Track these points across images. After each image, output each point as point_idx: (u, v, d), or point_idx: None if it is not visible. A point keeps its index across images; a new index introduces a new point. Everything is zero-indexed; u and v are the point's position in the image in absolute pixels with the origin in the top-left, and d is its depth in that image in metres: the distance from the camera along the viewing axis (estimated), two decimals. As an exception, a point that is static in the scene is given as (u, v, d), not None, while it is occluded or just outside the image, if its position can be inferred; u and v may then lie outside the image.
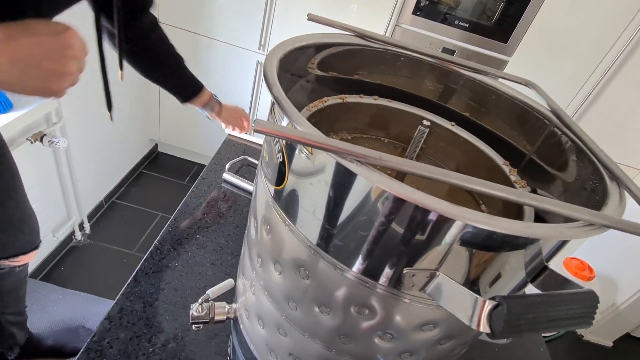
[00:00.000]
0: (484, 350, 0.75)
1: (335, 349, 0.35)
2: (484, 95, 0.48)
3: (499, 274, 0.30)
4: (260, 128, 0.22)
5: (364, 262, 0.28)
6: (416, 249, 0.26)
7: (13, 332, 0.96)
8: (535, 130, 0.44)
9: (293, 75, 0.41)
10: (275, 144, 0.32)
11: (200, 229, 0.82)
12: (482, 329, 0.24)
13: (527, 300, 0.23)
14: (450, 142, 0.49)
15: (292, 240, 0.32)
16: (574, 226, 0.25)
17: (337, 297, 0.31)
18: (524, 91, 0.47)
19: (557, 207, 0.25)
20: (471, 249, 0.27)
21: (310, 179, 0.28)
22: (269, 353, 0.42)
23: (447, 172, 0.23)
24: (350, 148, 0.23)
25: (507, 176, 0.43)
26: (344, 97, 0.47)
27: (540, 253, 0.29)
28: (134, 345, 0.60)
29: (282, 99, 0.28)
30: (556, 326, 0.25)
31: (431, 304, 0.29)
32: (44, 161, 1.30)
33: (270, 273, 0.36)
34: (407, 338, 0.32)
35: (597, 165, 0.35)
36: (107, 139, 1.65)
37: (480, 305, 0.24)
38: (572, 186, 0.38)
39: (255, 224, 0.38)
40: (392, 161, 0.23)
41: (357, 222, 0.27)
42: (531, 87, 0.46)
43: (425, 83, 0.51)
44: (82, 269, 1.47)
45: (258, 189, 0.38)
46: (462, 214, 0.22)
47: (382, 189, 0.23)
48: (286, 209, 0.32)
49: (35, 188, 1.26)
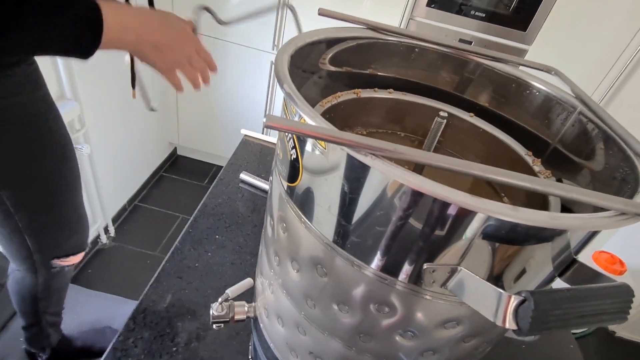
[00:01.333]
0: (510, 348, 0.72)
1: (355, 348, 0.35)
2: (504, 84, 0.47)
3: (524, 268, 0.29)
4: (272, 124, 0.22)
5: (382, 258, 0.28)
6: (436, 243, 0.25)
7: (49, 332, 1.00)
8: (560, 119, 0.42)
9: (305, 71, 0.40)
10: (288, 140, 0.32)
11: (219, 229, 0.83)
12: (508, 325, 0.23)
13: (555, 295, 0.22)
14: (469, 133, 0.47)
15: (309, 237, 0.31)
16: (605, 216, 0.23)
17: (355, 294, 0.31)
18: (547, 78, 0.45)
19: (586, 196, 0.23)
20: (494, 243, 0.26)
21: (325, 174, 0.28)
22: (289, 352, 0.41)
23: (465, 162, 0.22)
24: (363, 141, 0.22)
25: (531, 167, 0.41)
26: (358, 92, 0.46)
27: (568, 246, 0.28)
28: (157, 345, 0.61)
29: (294, 94, 0.27)
30: (587, 322, 0.24)
31: (453, 301, 0.28)
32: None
33: (287, 271, 0.36)
34: (429, 336, 0.31)
35: (627, 152, 0.33)
36: (128, 144, 1.69)
37: (506, 301, 0.23)
38: (601, 175, 0.36)
39: (272, 222, 0.38)
40: (408, 153, 0.23)
41: (374, 218, 0.26)
42: (554, 73, 0.44)
43: (441, 74, 0.49)
44: (108, 271, 1.51)
45: (273, 187, 0.37)
46: (484, 206, 0.21)
47: (398, 182, 0.23)
48: (301, 206, 0.31)
49: (61, 193, 1.30)
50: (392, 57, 0.48)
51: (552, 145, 0.42)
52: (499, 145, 0.45)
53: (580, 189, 0.23)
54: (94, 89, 1.35)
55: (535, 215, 0.21)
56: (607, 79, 1.48)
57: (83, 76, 1.25)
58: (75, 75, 1.21)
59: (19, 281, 0.88)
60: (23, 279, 0.87)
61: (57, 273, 0.90)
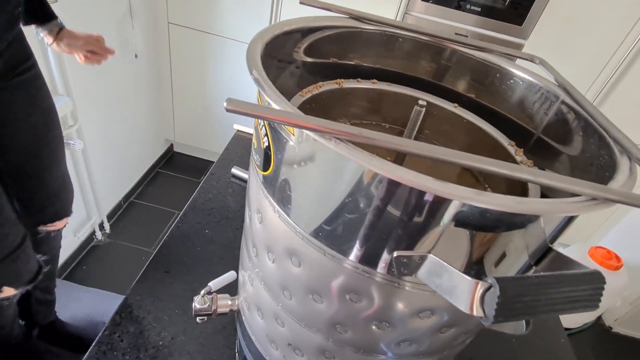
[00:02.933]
0: (500, 342, 0.72)
1: (332, 339, 0.34)
2: (488, 74, 0.46)
3: (499, 258, 0.28)
4: (232, 107, 0.22)
5: (352, 247, 0.27)
6: (404, 231, 0.25)
7: (37, 310, 1.00)
8: (542, 108, 0.41)
9: (281, 61, 0.40)
10: (261, 128, 0.31)
11: (209, 224, 0.82)
12: (475, 312, 0.22)
13: (523, 282, 0.22)
14: (453, 124, 0.47)
15: (282, 227, 0.31)
16: (575, 201, 0.23)
17: (328, 284, 0.30)
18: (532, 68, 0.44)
19: (556, 181, 0.23)
20: (465, 230, 0.25)
21: (294, 162, 0.27)
22: (269, 344, 0.41)
23: (430, 146, 0.22)
24: (327, 125, 0.22)
25: (513, 157, 0.41)
26: (341, 82, 0.46)
27: (543, 234, 0.28)
28: (143, 339, 0.60)
29: (262, 79, 0.27)
30: (558, 309, 0.23)
31: (426, 290, 0.28)
32: (62, 163, 1.33)
33: (264, 262, 0.36)
34: (405, 326, 0.31)
35: (607, 140, 0.33)
36: (123, 140, 1.68)
37: (473, 287, 0.22)
38: (581, 164, 0.35)
39: (249, 213, 0.38)
40: (373, 137, 0.22)
41: (343, 205, 0.26)
42: (538, 62, 0.44)
43: (426, 64, 0.49)
44: (103, 268, 1.51)
45: (250, 177, 0.37)
46: (448, 190, 0.21)
47: (361, 166, 0.22)
48: (274, 194, 0.31)
49: (54, 189, 1.30)
50: (376, 47, 0.47)
51: (535, 135, 0.42)
52: (482, 135, 0.44)
53: (550, 174, 0.23)
54: (86, 85, 1.34)
55: (500, 199, 0.21)
56: (603, 74, 1.47)
57: (75, 71, 1.24)
58: (67, 70, 1.20)
59: None
60: None
61: (43, 239, 0.91)
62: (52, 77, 1.19)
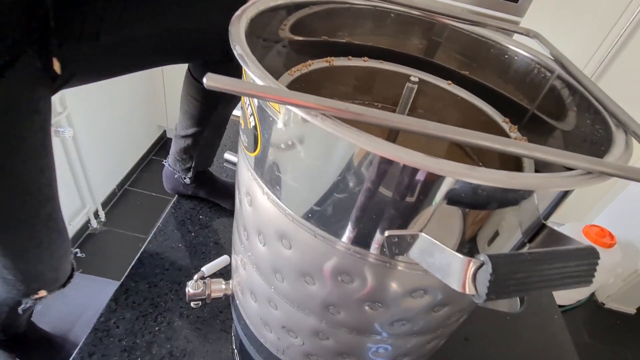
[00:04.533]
0: (494, 319, 0.73)
1: (325, 320, 0.34)
2: (483, 50, 0.45)
3: (492, 235, 0.28)
4: (213, 83, 0.20)
5: (342, 228, 0.27)
6: (395, 209, 0.24)
7: (20, 323, 0.92)
8: (537, 83, 0.40)
9: (267, 40, 0.38)
10: (247, 107, 0.30)
11: (202, 210, 0.82)
12: (467, 291, 0.22)
13: (516, 258, 0.21)
14: (448, 102, 0.46)
15: (272, 209, 0.30)
16: (569, 175, 0.22)
17: (320, 266, 0.30)
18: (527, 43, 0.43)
19: (551, 155, 0.22)
20: (457, 208, 0.24)
21: (281, 141, 0.26)
22: (263, 327, 0.41)
23: (421, 121, 0.21)
24: (313, 100, 0.21)
25: (507, 134, 0.40)
26: (331, 60, 0.44)
27: (536, 210, 0.27)
28: (140, 325, 0.61)
29: (245, 55, 0.26)
30: (552, 286, 0.23)
31: (418, 269, 0.28)
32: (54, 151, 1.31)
33: (255, 246, 0.35)
34: (398, 306, 0.31)
35: (602, 114, 0.32)
36: (115, 127, 1.66)
37: (465, 265, 0.22)
38: (576, 139, 0.35)
39: (239, 196, 0.37)
40: (361, 112, 0.21)
41: (332, 185, 0.25)
42: (533, 36, 0.43)
43: (418, 41, 0.47)
44: (100, 256, 1.51)
45: (239, 159, 0.36)
46: (439, 166, 0.20)
47: (350, 143, 0.21)
48: (263, 176, 0.30)
49: (46, 178, 1.28)
50: (366, 23, 0.46)
51: (529, 111, 0.41)
52: (475, 112, 0.43)
53: (544, 148, 0.22)
54: (74, 71, 1.31)
55: (493, 174, 0.20)
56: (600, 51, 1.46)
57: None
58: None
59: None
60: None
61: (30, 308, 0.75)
62: (37, 63, 1.15)
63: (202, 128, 0.72)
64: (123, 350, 0.57)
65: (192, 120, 0.71)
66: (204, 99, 0.68)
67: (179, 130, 0.75)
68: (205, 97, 0.68)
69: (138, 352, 0.57)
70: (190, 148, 0.75)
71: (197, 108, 0.70)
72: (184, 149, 0.76)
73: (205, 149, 0.76)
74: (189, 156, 0.76)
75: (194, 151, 0.75)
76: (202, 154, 0.76)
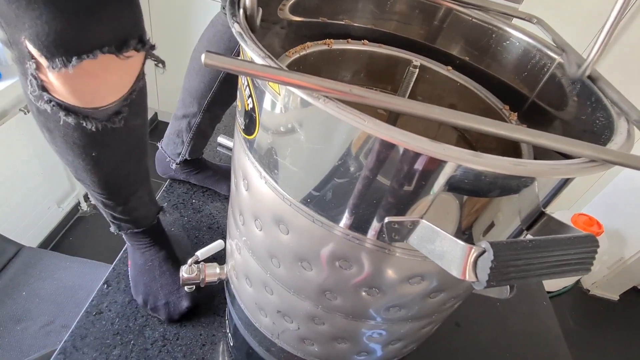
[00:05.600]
0: (485, 305, 0.74)
1: (322, 305, 0.34)
2: (484, 36, 0.44)
3: (491, 222, 0.28)
4: (211, 61, 0.20)
5: (342, 213, 0.26)
6: (397, 195, 0.24)
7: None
8: (538, 70, 0.40)
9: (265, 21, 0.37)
10: (245, 88, 0.29)
11: (196, 194, 0.81)
12: (468, 278, 0.22)
13: (517, 245, 0.21)
14: (447, 88, 0.45)
15: (269, 194, 0.30)
16: (572, 163, 0.22)
17: (317, 251, 0.30)
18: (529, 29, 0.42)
19: (555, 142, 0.22)
20: (458, 194, 0.24)
21: (281, 124, 0.26)
22: (258, 311, 0.41)
23: (427, 105, 0.21)
24: (315, 81, 0.20)
25: (506, 121, 0.40)
26: (330, 43, 0.43)
27: (536, 198, 0.27)
28: (132, 308, 0.60)
29: (244, 33, 0.25)
30: (551, 273, 0.23)
31: (417, 256, 0.27)
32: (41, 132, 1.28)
33: (251, 230, 0.35)
34: (394, 292, 0.31)
35: (604, 102, 0.32)
36: (105, 109, 1.62)
37: (466, 252, 0.22)
38: (577, 127, 0.35)
39: (235, 180, 0.36)
40: (365, 95, 0.21)
41: (331, 169, 0.25)
42: (536, 22, 0.42)
43: (419, 25, 0.46)
44: (90, 239, 1.49)
45: (235, 143, 0.35)
46: (444, 152, 0.20)
47: (352, 126, 0.21)
48: (260, 160, 0.29)
49: (34, 159, 1.26)
50: (366, 5, 0.45)
51: (529, 98, 0.41)
52: (475, 99, 0.43)
53: (549, 135, 0.22)
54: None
55: (498, 161, 0.20)
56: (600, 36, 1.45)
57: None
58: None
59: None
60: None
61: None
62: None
63: (198, 110, 0.70)
64: (116, 333, 0.57)
65: (191, 98, 0.70)
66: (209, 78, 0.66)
67: (177, 110, 0.73)
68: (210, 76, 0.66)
69: (131, 335, 0.57)
70: (184, 132, 0.73)
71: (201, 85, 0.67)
72: (177, 132, 0.74)
73: (197, 137, 0.74)
74: (181, 141, 0.75)
75: (186, 136, 0.74)
76: (195, 141, 0.75)
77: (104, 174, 0.47)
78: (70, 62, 0.32)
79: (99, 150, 0.43)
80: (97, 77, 0.34)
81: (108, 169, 0.47)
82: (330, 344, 0.38)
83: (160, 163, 0.82)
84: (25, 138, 1.20)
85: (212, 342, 0.58)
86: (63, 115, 0.35)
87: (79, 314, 0.58)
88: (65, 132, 0.39)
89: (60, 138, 0.40)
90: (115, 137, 0.43)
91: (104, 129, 0.39)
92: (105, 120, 0.38)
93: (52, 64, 0.32)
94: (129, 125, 0.43)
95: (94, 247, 1.46)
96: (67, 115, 0.35)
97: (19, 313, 0.98)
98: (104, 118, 0.38)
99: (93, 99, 0.35)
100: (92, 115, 0.36)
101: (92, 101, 0.35)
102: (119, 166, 0.49)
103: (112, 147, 0.44)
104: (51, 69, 0.32)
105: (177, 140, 0.75)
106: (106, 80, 0.35)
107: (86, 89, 0.35)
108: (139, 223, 0.60)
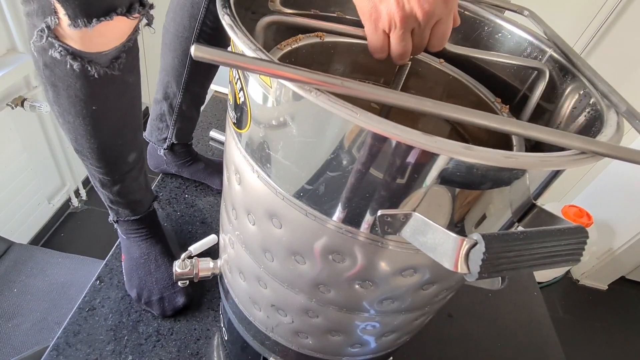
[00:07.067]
0: (476, 296, 0.75)
1: (315, 299, 0.34)
2: (476, 28, 0.44)
3: (483, 215, 0.28)
4: (201, 54, 0.19)
5: (334, 207, 0.26)
6: (390, 188, 0.24)
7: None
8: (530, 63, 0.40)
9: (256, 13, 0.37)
10: (236, 82, 0.29)
11: (188, 189, 0.81)
12: (460, 270, 0.22)
13: (508, 237, 0.21)
14: (439, 81, 0.45)
15: (262, 188, 0.30)
16: (563, 155, 0.22)
17: (311, 245, 0.30)
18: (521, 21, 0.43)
19: (545, 134, 0.22)
20: (451, 187, 0.24)
21: (272, 117, 0.26)
22: (252, 305, 0.41)
23: (419, 98, 0.21)
24: (307, 74, 0.20)
25: (498, 114, 0.40)
26: (322, 35, 0.43)
27: (527, 190, 0.27)
28: (125, 304, 0.60)
29: (235, 25, 0.24)
30: (542, 264, 0.23)
31: (409, 248, 0.28)
32: (30, 127, 1.26)
33: (244, 225, 0.34)
34: (387, 284, 0.31)
35: (594, 95, 0.32)
36: (94, 103, 1.60)
37: (458, 244, 0.22)
38: (567, 120, 0.35)
39: (227, 174, 0.36)
40: (357, 88, 0.20)
41: (324, 163, 0.25)
42: (527, 14, 0.42)
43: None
44: (82, 235, 1.48)
45: (227, 137, 0.35)
46: (437, 145, 0.20)
47: (345, 120, 0.21)
48: (252, 154, 0.29)
49: (22, 155, 1.24)
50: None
51: (521, 91, 0.41)
52: (467, 92, 0.43)
53: (539, 127, 0.22)
54: (49, 42, 1.24)
55: (489, 153, 0.20)
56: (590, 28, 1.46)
57: (35, 27, 1.15)
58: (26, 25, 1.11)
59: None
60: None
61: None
62: (9, 34, 1.09)
63: (177, 89, 0.69)
64: (109, 329, 0.56)
65: (168, 76, 0.68)
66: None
67: (156, 93, 0.73)
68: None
69: (124, 330, 0.57)
70: (166, 114, 0.72)
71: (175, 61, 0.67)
72: (159, 116, 0.73)
73: (182, 120, 0.73)
74: (165, 125, 0.74)
75: (169, 119, 0.72)
76: (180, 125, 0.73)
77: (102, 140, 0.50)
78: (91, 24, 0.36)
79: (99, 105, 0.46)
80: (107, 32, 0.40)
81: (106, 133, 0.50)
82: (325, 336, 0.38)
83: (151, 156, 0.82)
84: (14, 134, 1.18)
85: (206, 337, 0.58)
86: (70, 59, 0.40)
87: (72, 310, 0.57)
88: (69, 84, 0.43)
89: (64, 91, 0.44)
90: (113, 89, 0.47)
91: (104, 77, 0.43)
92: (106, 66, 0.43)
93: (74, 23, 0.36)
94: (125, 80, 0.47)
95: (85, 243, 1.45)
96: (74, 59, 0.40)
97: (10, 310, 0.97)
98: (106, 63, 0.43)
99: (99, 45, 0.41)
100: (95, 59, 0.41)
101: (97, 46, 0.41)
102: (116, 133, 0.51)
103: (110, 101, 0.48)
104: (72, 27, 0.37)
105: (162, 125, 0.74)
106: (112, 32, 0.41)
107: (95, 39, 0.40)
108: (135, 209, 0.61)
